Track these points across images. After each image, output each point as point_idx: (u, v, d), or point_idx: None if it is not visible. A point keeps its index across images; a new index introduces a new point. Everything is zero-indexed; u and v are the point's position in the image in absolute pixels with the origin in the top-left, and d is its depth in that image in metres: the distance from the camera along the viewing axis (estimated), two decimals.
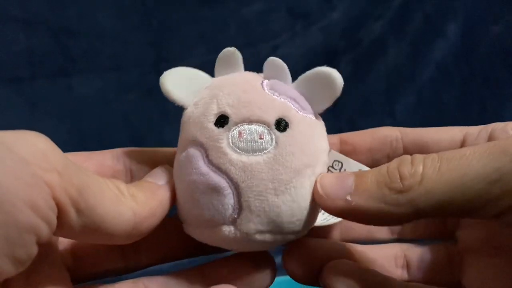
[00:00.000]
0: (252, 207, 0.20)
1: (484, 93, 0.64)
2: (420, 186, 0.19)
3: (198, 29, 0.59)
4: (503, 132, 0.22)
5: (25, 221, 0.15)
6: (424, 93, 0.64)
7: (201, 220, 0.21)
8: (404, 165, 0.20)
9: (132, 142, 0.59)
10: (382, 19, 0.63)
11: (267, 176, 0.20)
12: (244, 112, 0.21)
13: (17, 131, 0.16)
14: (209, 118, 0.21)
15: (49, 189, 0.16)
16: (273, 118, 0.21)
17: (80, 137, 0.58)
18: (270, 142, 0.21)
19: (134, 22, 0.58)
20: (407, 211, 0.19)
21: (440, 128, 0.25)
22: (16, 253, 0.15)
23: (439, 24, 0.63)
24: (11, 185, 0.15)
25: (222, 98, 0.21)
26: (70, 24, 0.56)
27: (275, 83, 0.22)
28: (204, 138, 0.21)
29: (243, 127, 0.21)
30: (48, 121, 0.57)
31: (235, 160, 0.20)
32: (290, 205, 0.21)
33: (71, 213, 0.17)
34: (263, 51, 0.60)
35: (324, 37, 0.62)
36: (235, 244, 0.22)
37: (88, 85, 0.57)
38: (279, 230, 0.21)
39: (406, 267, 0.26)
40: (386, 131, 0.26)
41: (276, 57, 0.23)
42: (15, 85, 0.56)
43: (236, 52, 0.23)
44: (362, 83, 0.63)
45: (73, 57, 0.57)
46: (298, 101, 0.22)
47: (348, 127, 0.27)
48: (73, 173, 0.17)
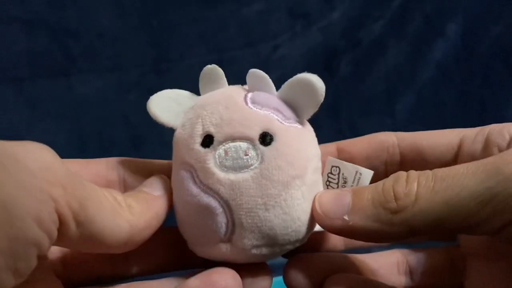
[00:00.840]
0: (245, 223, 0.21)
1: (484, 93, 0.64)
2: (414, 206, 0.19)
3: (198, 29, 0.59)
4: (499, 135, 0.22)
5: (31, 235, 0.15)
6: (424, 93, 0.64)
7: (199, 239, 0.22)
8: (399, 183, 0.20)
9: (132, 142, 0.59)
10: (382, 19, 0.63)
11: (256, 192, 0.20)
12: (227, 130, 0.21)
13: (24, 142, 0.17)
14: (196, 139, 0.21)
15: (53, 203, 0.16)
16: (256, 133, 0.21)
17: (80, 137, 0.58)
18: (255, 157, 0.21)
19: (134, 22, 0.58)
20: (402, 230, 0.19)
21: (437, 131, 0.25)
22: (18, 266, 0.15)
23: (439, 24, 0.63)
24: (20, 199, 0.15)
25: (206, 117, 0.22)
26: (70, 24, 0.56)
27: (257, 95, 0.22)
28: (192, 160, 0.21)
29: (228, 145, 0.21)
30: (48, 121, 0.57)
31: (223, 179, 0.20)
32: (283, 217, 0.21)
33: (71, 225, 0.17)
34: (263, 51, 0.60)
35: (324, 37, 0.62)
36: (234, 259, 0.22)
37: (88, 85, 0.57)
38: (275, 242, 0.21)
39: (409, 273, 0.26)
40: (383, 137, 0.26)
41: (256, 69, 0.22)
42: (15, 85, 0.56)
43: (216, 68, 0.23)
44: (362, 83, 0.63)
45: (73, 57, 0.57)
46: (282, 111, 0.22)
47: (348, 127, 0.27)
48: (76, 186, 0.17)
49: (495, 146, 0.22)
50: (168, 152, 0.66)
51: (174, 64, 0.58)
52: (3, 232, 0.14)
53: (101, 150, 0.58)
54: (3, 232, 0.14)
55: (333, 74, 0.62)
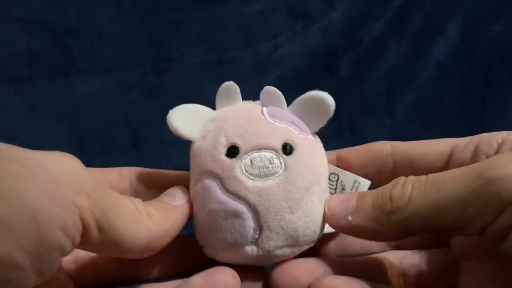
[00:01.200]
0: (272, 226, 0.22)
1: (484, 93, 0.64)
2: (407, 208, 0.20)
3: (198, 29, 0.59)
4: (487, 145, 0.23)
5: (56, 240, 0.16)
6: (424, 93, 0.64)
7: (224, 244, 0.23)
8: (396, 187, 0.21)
9: (132, 142, 0.59)
10: (382, 19, 0.63)
11: (281, 197, 0.22)
12: (252, 141, 0.23)
13: (50, 152, 0.18)
14: (220, 150, 0.23)
15: (77, 210, 0.17)
16: (279, 143, 0.23)
17: (80, 137, 0.58)
18: (279, 166, 0.23)
19: (134, 21, 0.58)
20: (397, 230, 0.21)
21: (429, 141, 0.26)
22: (43, 268, 0.16)
23: (439, 24, 0.63)
24: (47, 206, 0.16)
25: (229, 129, 0.23)
26: (70, 24, 0.56)
27: (274, 110, 0.24)
28: (218, 169, 0.23)
29: (253, 155, 0.23)
30: (48, 120, 0.57)
31: (251, 186, 0.22)
32: (304, 219, 0.23)
33: (94, 231, 0.18)
34: (263, 51, 0.60)
35: (324, 37, 0.62)
36: (257, 261, 0.24)
37: (88, 85, 0.57)
38: (296, 243, 0.23)
39: (402, 275, 0.26)
40: (379, 146, 0.27)
41: (270, 86, 0.24)
42: (15, 85, 0.56)
43: (234, 85, 0.25)
44: (362, 83, 0.63)
45: (73, 57, 0.57)
46: (297, 125, 0.24)
47: (348, 127, 0.28)
48: (99, 194, 0.18)
49: (483, 154, 0.23)
50: (168, 151, 0.66)
51: (174, 64, 0.58)
52: (31, 236, 0.15)
53: (101, 150, 0.58)
54: (31, 237, 0.15)
55: (333, 74, 0.62)
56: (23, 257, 0.15)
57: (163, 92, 0.58)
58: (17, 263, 0.15)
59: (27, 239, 0.15)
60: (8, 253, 0.15)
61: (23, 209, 0.15)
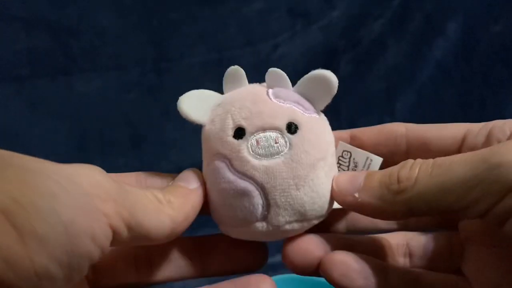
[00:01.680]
0: (279, 202, 0.23)
1: (484, 92, 0.64)
2: (413, 189, 0.21)
3: (198, 28, 0.59)
4: (500, 131, 0.24)
5: (86, 250, 0.17)
6: (424, 92, 0.64)
7: (236, 220, 0.24)
8: (404, 168, 0.22)
9: (132, 141, 0.59)
10: (382, 18, 0.63)
11: (288, 175, 0.23)
12: (257, 122, 0.24)
13: (75, 165, 0.18)
14: (228, 132, 0.24)
15: (106, 219, 0.18)
16: (283, 123, 0.24)
17: (80, 136, 0.58)
18: (284, 144, 0.23)
19: (135, 21, 0.58)
20: (402, 209, 0.22)
21: (443, 125, 0.27)
22: (73, 275, 0.17)
23: (439, 23, 0.63)
24: (77, 219, 0.17)
25: (235, 112, 0.24)
26: (71, 23, 0.56)
27: (279, 90, 0.25)
28: (226, 151, 0.24)
29: (259, 135, 0.23)
30: (49, 120, 0.57)
31: (257, 165, 0.23)
32: (311, 195, 0.24)
33: (124, 232, 0.19)
34: (263, 50, 0.60)
35: (324, 37, 0.62)
36: (268, 236, 0.25)
37: (88, 84, 0.57)
38: (304, 217, 0.24)
39: (408, 255, 0.27)
40: (393, 127, 0.27)
41: (275, 67, 0.25)
42: (15, 84, 0.56)
43: (239, 69, 0.26)
44: (362, 82, 0.64)
45: (73, 56, 0.57)
46: (302, 104, 0.25)
47: (348, 127, 0.28)
48: (124, 196, 0.19)
49: (495, 140, 0.24)
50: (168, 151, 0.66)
51: (174, 63, 0.58)
52: (63, 248, 0.16)
53: (101, 149, 0.58)
54: (63, 248, 0.16)
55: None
56: (56, 268, 0.16)
57: (163, 92, 0.58)
58: (52, 274, 0.16)
59: (60, 251, 0.16)
60: (44, 266, 0.16)
61: (57, 224, 0.16)
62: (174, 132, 0.58)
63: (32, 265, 0.15)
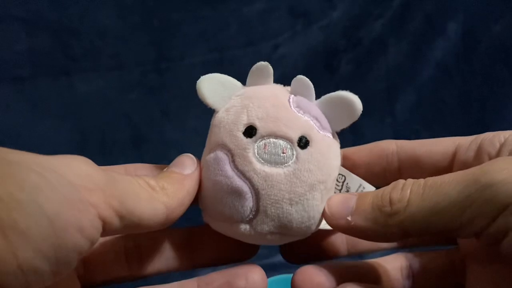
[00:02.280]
0: (268, 212, 0.23)
1: (485, 92, 0.64)
2: (406, 211, 0.21)
3: (199, 28, 0.59)
4: (490, 144, 0.24)
5: (73, 242, 0.17)
6: (425, 92, 0.64)
7: (222, 215, 0.24)
8: (395, 190, 0.22)
9: (133, 141, 0.59)
10: (382, 18, 0.63)
11: (285, 188, 0.23)
12: (271, 127, 0.23)
13: (61, 156, 0.18)
14: (239, 127, 0.23)
15: (95, 210, 0.18)
16: (296, 135, 0.23)
17: (81, 136, 0.58)
18: (291, 157, 0.23)
19: (135, 21, 0.58)
20: (396, 231, 0.22)
21: (434, 140, 0.26)
22: (60, 269, 0.17)
23: (440, 23, 0.63)
24: (63, 211, 0.16)
25: (252, 109, 0.24)
26: (72, 24, 0.56)
27: (301, 100, 0.24)
28: (232, 145, 0.23)
29: (268, 140, 0.23)
30: (50, 120, 0.57)
31: (259, 169, 0.23)
32: (301, 214, 0.23)
33: (115, 221, 0.19)
34: (264, 50, 0.60)
35: (324, 36, 0.62)
36: (248, 239, 0.24)
37: (89, 84, 0.57)
38: (288, 232, 0.24)
39: (411, 277, 0.27)
40: (384, 145, 0.27)
41: (304, 76, 0.24)
42: (16, 84, 0.56)
43: (268, 66, 0.25)
44: (363, 82, 0.64)
45: (74, 56, 0.57)
46: (320, 120, 0.24)
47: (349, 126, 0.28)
48: (114, 185, 0.19)
49: (486, 154, 0.23)
50: (169, 151, 0.66)
51: (175, 63, 0.59)
52: (50, 242, 0.16)
53: (102, 149, 0.58)
54: (50, 242, 0.16)
55: (333, 73, 0.63)
56: (42, 262, 0.16)
57: (164, 92, 0.58)
58: (37, 269, 0.16)
59: (46, 245, 0.16)
60: (28, 260, 0.15)
61: (41, 217, 0.16)
62: (175, 132, 0.58)
63: (16, 259, 0.15)
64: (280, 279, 0.45)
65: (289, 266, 0.29)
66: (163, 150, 0.59)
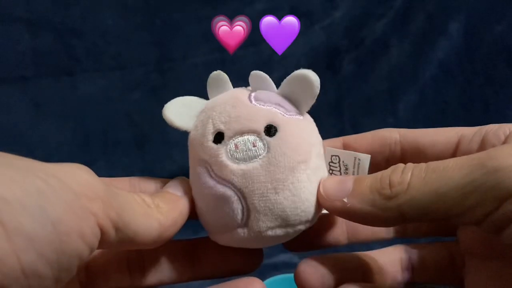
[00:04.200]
0: (258, 207, 0.23)
1: (487, 92, 0.64)
2: (406, 194, 0.20)
3: (201, 28, 0.59)
4: (494, 136, 0.23)
5: (75, 248, 0.17)
6: (427, 92, 0.64)
7: (218, 226, 0.24)
8: (395, 173, 0.21)
9: (135, 140, 0.60)
10: (384, 18, 0.63)
11: (266, 178, 0.23)
12: (235, 126, 0.23)
13: (63, 164, 0.18)
14: (208, 137, 0.24)
15: (94, 218, 0.18)
16: (262, 126, 0.23)
17: (84, 136, 0.58)
18: (262, 148, 0.23)
19: (138, 21, 0.58)
20: (394, 215, 0.21)
21: (437, 129, 0.26)
22: (62, 275, 0.17)
23: (442, 23, 0.63)
24: (66, 217, 0.17)
25: (216, 117, 0.24)
26: (74, 24, 0.56)
27: (259, 93, 0.24)
28: (206, 156, 0.23)
29: (237, 139, 0.23)
30: (52, 120, 0.57)
31: (235, 169, 0.23)
32: (292, 199, 0.23)
33: (111, 233, 0.19)
34: (266, 50, 0.60)
35: (326, 36, 0.62)
36: (251, 243, 0.24)
37: (92, 84, 0.58)
38: (287, 223, 0.23)
39: (411, 269, 0.27)
40: (386, 133, 0.27)
41: (257, 70, 0.25)
42: (19, 84, 0.56)
43: (221, 74, 0.25)
44: (365, 82, 0.64)
45: (77, 56, 0.57)
46: (283, 105, 0.24)
47: (351, 126, 0.28)
48: (112, 197, 0.19)
49: (490, 145, 0.23)
50: (171, 150, 0.66)
51: (177, 63, 0.59)
52: (52, 247, 0.16)
53: (105, 149, 0.58)
54: (53, 247, 0.16)
55: (335, 73, 0.63)
56: (45, 267, 0.16)
57: (166, 91, 0.58)
58: (40, 273, 0.16)
59: (49, 249, 0.16)
60: (31, 264, 0.16)
61: (45, 222, 0.16)
62: (178, 132, 0.58)
63: (19, 262, 0.15)
64: (280, 279, 0.45)
65: (290, 266, 0.29)
66: (165, 150, 0.59)
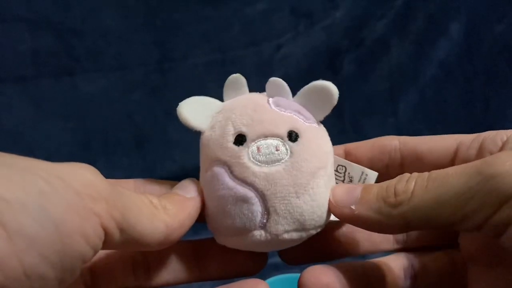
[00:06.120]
0: (279, 210, 0.23)
1: (488, 92, 0.64)
2: (410, 202, 0.21)
3: (201, 28, 0.59)
4: (492, 142, 0.24)
5: (78, 249, 0.17)
6: (427, 92, 0.64)
7: (233, 229, 0.24)
8: (400, 182, 0.22)
9: (135, 141, 0.60)
10: (385, 18, 0.63)
11: (288, 182, 0.23)
12: (258, 129, 0.24)
13: (67, 164, 0.18)
14: (228, 138, 0.24)
15: (98, 219, 0.18)
16: (284, 131, 0.24)
17: (84, 136, 0.58)
18: (285, 152, 0.23)
19: (138, 21, 0.58)
20: (399, 223, 0.22)
21: (436, 136, 0.27)
22: (65, 276, 0.17)
23: (442, 23, 0.63)
24: (68, 218, 0.16)
25: (236, 119, 0.24)
26: (75, 24, 0.56)
27: (279, 99, 0.25)
28: (226, 157, 0.24)
29: (260, 142, 0.23)
30: (53, 120, 0.57)
31: (258, 172, 0.23)
32: (310, 204, 0.23)
33: (116, 233, 0.19)
34: (266, 50, 0.60)
35: (327, 37, 0.62)
36: (265, 246, 0.24)
37: (92, 84, 0.58)
38: (303, 227, 0.24)
39: (414, 277, 0.27)
40: (386, 141, 0.27)
41: (276, 77, 0.25)
42: (20, 85, 0.56)
43: (241, 77, 0.26)
44: (365, 83, 0.64)
45: (77, 56, 0.57)
46: (302, 113, 0.25)
47: (351, 126, 0.28)
48: (117, 197, 0.19)
49: (488, 152, 0.24)
50: (172, 151, 0.66)
51: (177, 63, 0.59)
52: (55, 248, 0.16)
53: (105, 149, 0.59)
54: (55, 248, 0.16)
55: (336, 73, 0.63)
56: (47, 268, 0.16)
57: (167, 92, 0.58)
58: (42, 274, 0.16)
59: (51, 250, 0.16)
60: (33, 265, 0.15)
61: (47, 222, 0.16)
62: (178, 132, 0.58)
63: (21, 264, 0.15)
64: (281, 279, 0.45)
65: (291, 266, 0.29)
66: (166, 150, 0.59)
